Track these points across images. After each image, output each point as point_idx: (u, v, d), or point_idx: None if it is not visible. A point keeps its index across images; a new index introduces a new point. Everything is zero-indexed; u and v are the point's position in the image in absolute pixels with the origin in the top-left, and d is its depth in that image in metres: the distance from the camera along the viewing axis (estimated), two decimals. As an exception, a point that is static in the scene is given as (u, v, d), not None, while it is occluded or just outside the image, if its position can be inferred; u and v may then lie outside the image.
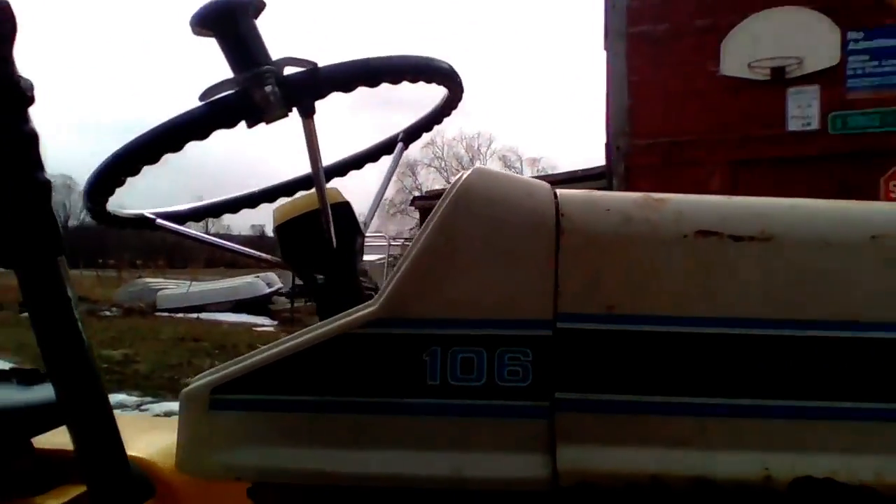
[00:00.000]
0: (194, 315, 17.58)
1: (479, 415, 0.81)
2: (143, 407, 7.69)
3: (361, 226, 1.21)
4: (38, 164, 0.71)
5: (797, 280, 0.81)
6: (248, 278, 20.49)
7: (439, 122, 1.32)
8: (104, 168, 0.94)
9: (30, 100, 0.69)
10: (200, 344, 12.12)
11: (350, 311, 0.85)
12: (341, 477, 0.82)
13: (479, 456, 0.81)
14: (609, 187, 9.99)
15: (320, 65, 0.90)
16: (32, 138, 0.71)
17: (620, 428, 0.80)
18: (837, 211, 0.86)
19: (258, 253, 1.21)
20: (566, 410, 0.80)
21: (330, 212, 1.05)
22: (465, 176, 0.86)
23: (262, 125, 0.91)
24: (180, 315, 17.58)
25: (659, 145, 9.69)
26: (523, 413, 0.81)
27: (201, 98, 0.88)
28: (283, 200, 1.29)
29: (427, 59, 1.04)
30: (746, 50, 9.20)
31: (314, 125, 0.94)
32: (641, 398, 0.80)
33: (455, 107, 1.27)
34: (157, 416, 6.84)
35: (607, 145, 10.46)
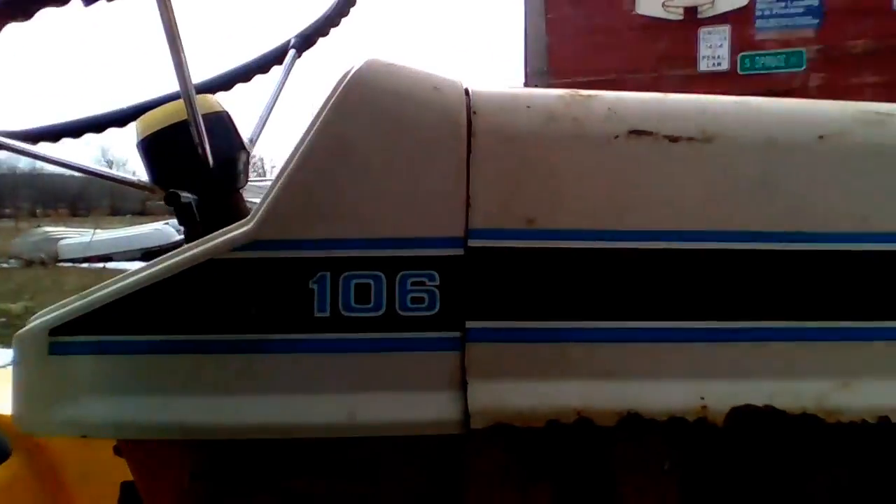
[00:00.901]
0: (99, 265, 16.73)
1: (378, 350, 0.69)
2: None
3: (247, 143, 1.04)
4: None
5: (740, 186, 0.72)
6: (157, 225, 19.57)
7: (336, 24, 1.16)
8: None
9: None
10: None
11: (219, 231, 0.70)
12: (213, 429, 0.69)
13: (378, 397, 0.69)
14: (527, 127, 9.94)
15: None
16: None
17: (540, 359, 0.69)
18: (783, 110, 0.76)
19: (118, 174, 1.03)
20: (479, 341, 0.69)
21: (201, 122, 0.88)
22: (356, 67, 0.71)
23: (102, 2, 0.73)
24: (84, 265, 16.69)
25: (575, 85, 9.64)
26: (430, 346, 0.69)
27: None
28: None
29: None
30: (661, -12, 9.21)
31: (171, 6, 0.77)
32: (564, 325, 0.69)
33: (353, 4, 1.10)
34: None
35: (525, 84, 10.37)
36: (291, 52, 1.19)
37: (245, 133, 1.06)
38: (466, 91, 0.73)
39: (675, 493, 0.84)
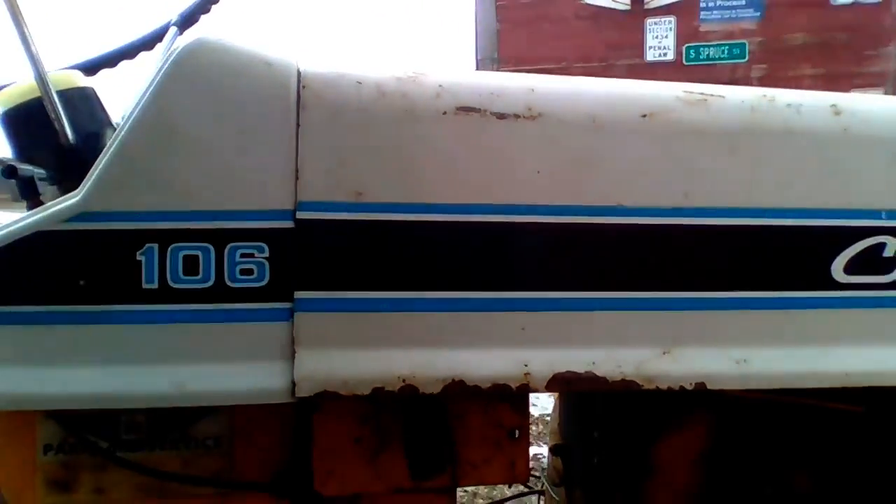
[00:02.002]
0: None
1: (207, 321, 0.70)
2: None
3: (121, 119, 1.03)
4: None
5: (565, 162, 0.75)
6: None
7: (217, 1, 1.15)
8: None
9: None
10: None
11: (48, 203, 0.70)
12: (43, 400, 0.69)
13: (207, 368, 0.70)
14: (477, 114, 9.96)
15: None
16: None
17: (368, 329, 0.71)
18: (609, 90, 0.79)
19: None
20: (308, 311, 0.70)
21: (55, 96, 0.87)
22: (184, 45, 0.71)
23: None
24: None
25: (526, 73, 9.73)
26: (259, 317, 0.70)
27: None
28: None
29: None
30: (608, -22, 9.30)
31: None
32: (392, 295, 0.72)
33: None
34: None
35: (476, 70, 10.39)
36: (173, 29, 1.18)
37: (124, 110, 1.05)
38: (298, 66, 0.74)
39: (524, 460, 0.88)
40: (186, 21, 1.19)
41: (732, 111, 0.78)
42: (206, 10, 1.17)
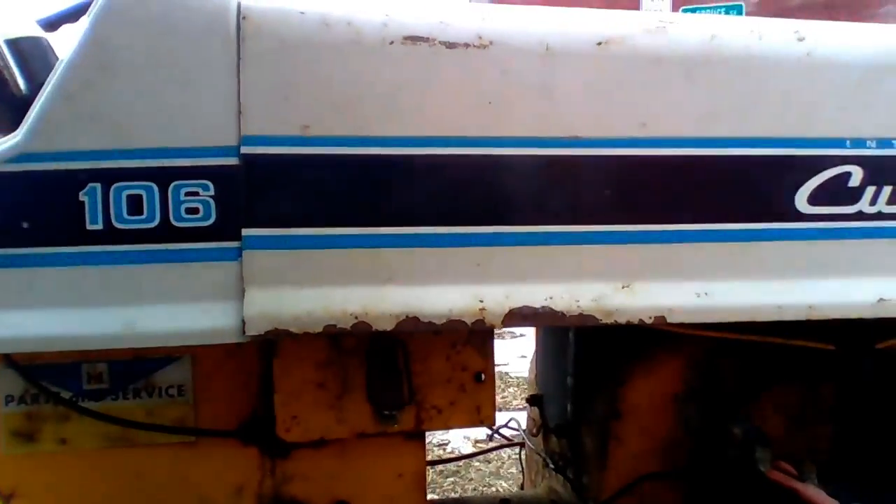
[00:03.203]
0: None
1: (155, 261, 0.69)
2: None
3: None
4: None
5: (517, 92, 0.73)
6: None
7: None
8: None
9: None
10: None
11: None
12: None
13: (156, 309, 0.69)
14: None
15: None
16: None
17: (319, 266, 0.70)
18: (565, 17, 0.77)
19: None
20: (256, 249, 0.69)
21: (4, 46, 0.85)
22: None
23: None
24: None
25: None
26: (207, 256, 0.69)
27: None
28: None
29: None
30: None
31: None
32: (342, 231, 0.70)
33: None
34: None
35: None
36: None
37: None
38: None
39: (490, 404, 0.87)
40: None
41: (692, 38, 0.76)
42: None
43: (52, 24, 1.17)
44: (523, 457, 1.37)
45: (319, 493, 0.88)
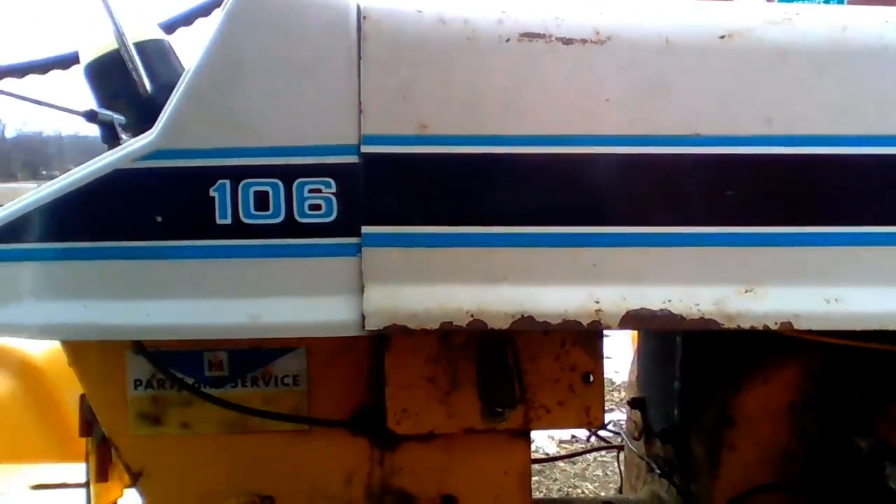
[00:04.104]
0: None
1: (279, 256, 0.71)
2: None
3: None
4: None
5: (636, 88, 0.71)
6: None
7: None
8: None
9: None
10: None
11: (125, 143, 0.73)
12: (126, 330, 0.73)
13: (279, 301, 0.71)
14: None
15: None
16: None
17: (435, 263, 0.71)
18: (684, 10, 0.74)
19: (73, 108, 1.06)
20: (375, 246, 0.71)
21: (132, 47, 0.89)
22: None
23: None
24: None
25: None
26: (328, 252, 0.71)
27: None
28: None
29: None
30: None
31: None
32: (459, 230, 0.71)
33: None
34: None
35: None
36: None
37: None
38: None
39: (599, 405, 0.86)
40: None
41: (821, 30, 0.72)
42: None
43: (168, 28, 1.23)
44: (622, 460, 1.34)
45: (427, 486, 0.89)
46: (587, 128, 0.71)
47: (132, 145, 0.72)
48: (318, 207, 0.70)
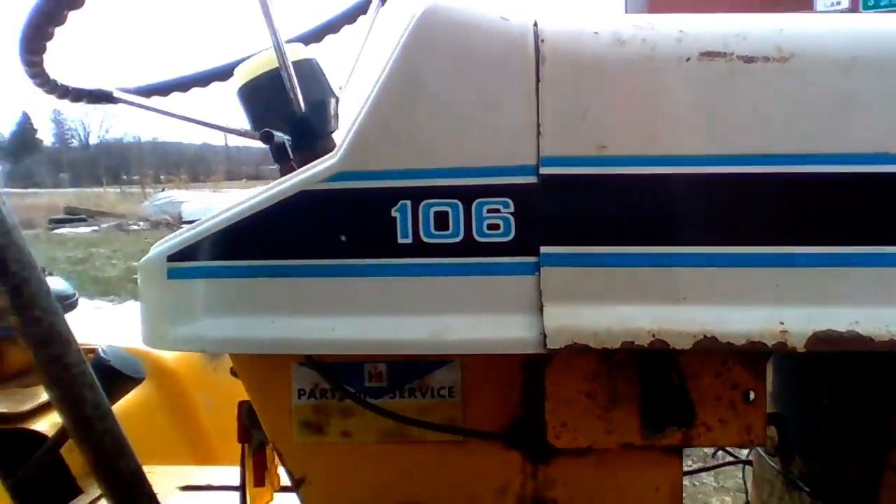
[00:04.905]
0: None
1: (458, 274, 0.73)
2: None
3: (337, 90, 1.10)
4: None
5: (820, 107, 0.70)
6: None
7: None
8: (28, 22, 0.84)
9: None
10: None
11: (309, 165, 0.76)
12: (311, 344, 0.76)
13: (459, 318, 0.73)
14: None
15: None
16: None
17: (614, 283, 0.71)
18: (867, 25, 0.73)
19: (222, 125, 1.11)
20: (554, 266, 0.72)
21: (292, 69, 0.93)
22: (424, 7, 0.74)
23: None
24: (205, 225, 17.69)
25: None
26: (507, 271, 0.72)
27: None
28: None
29: None
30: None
31: None
32: (637, 250, 0.71)
33: None
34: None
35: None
36: (376, 1, 1.23)
37: (335, 81, 1.12)
38: (534, 20, 0.74)
39: (760, 424, 0.85)
40: None
41: None
42: None
43: (318, 36, 1.28)
44: (748, 475, 1.32)
45: (578, 499, 0.89)
46: (768, 147, 0.70)
47: (316, 167, 0.74)
48: (496, 227, 0.72)
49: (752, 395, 0.84)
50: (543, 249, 0.71)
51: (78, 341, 1.13)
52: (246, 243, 0.75)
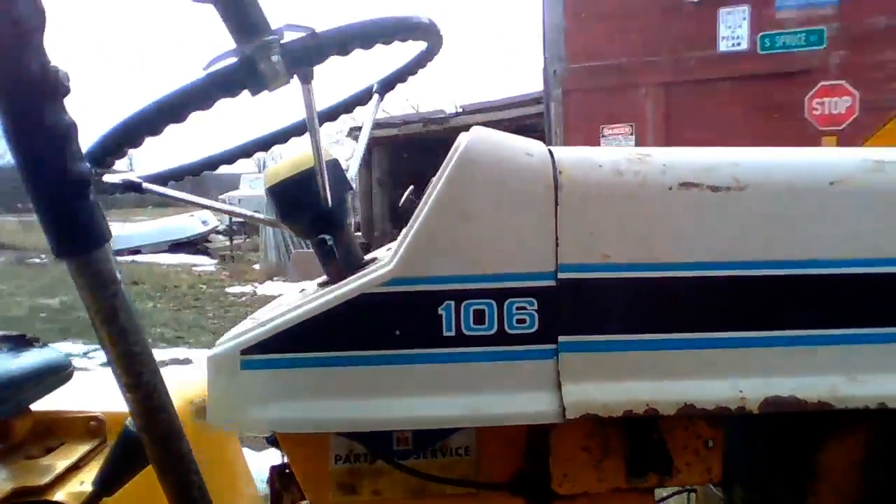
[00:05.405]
0: (128, 258, 17.05)
1: (492, 360, 0.90)
2: (89, 354, 7.53)
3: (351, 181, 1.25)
4: (76, 156, 0.70)
5: (765, 225, 0.91)
6: (183, 217, 19.89)
7: (415, 73, 1.35)
8: (107, 138, 0.95)
9: (65, 90, 0.69)
10: (140, 287, 11.82)
11: (366, 271, 0.91)
12: (369, 423, 0.90)
13: (493, 396, 0.90)
14: (547, 113, 10.09)
15: (316, 30, 0.92)
16: (70, 130, 0.70)
17: (618, 364, 0.90)
18: (802, 159, 0.95)
19: (251, 213, 1.24)
20: (569, 352, 0.89)
21: (326, 173, 1.08)
22: (466, 139, 0.91)
23: (265, 92, 0.93)
24: (122, 258, 16.95)
25: (595, 69, 9.77)
26: (531, 356, 0.90)
27: (205, 69, 0.89)
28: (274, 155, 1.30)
29: (413, 17, 1.07)
30: (679, -29, 9.25)
31: (312, 89, 0.97)
32: (636, 337, 0.90)
33: (432, 59, 1.29)
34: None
35: (544, 70, 10.47)
36: (375, 96, 1.39)
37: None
38: (551, 152, 0.93)
39: (718, 465, 1.05)
40: (386, 88, 1.39)
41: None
42: (404, 80, 1.37)
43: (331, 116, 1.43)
44: (691, 500, 1.53)
45: None
46: (731, 256, 0.90)
47: (373, 274, 0.90)
48: (523, 321, 0.89)
49: (710, 443, 1.04)
50: (561, 338, 0.89)
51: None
52: (313, 338, 0.89)
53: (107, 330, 0.74)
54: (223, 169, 1.40)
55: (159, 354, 6.89)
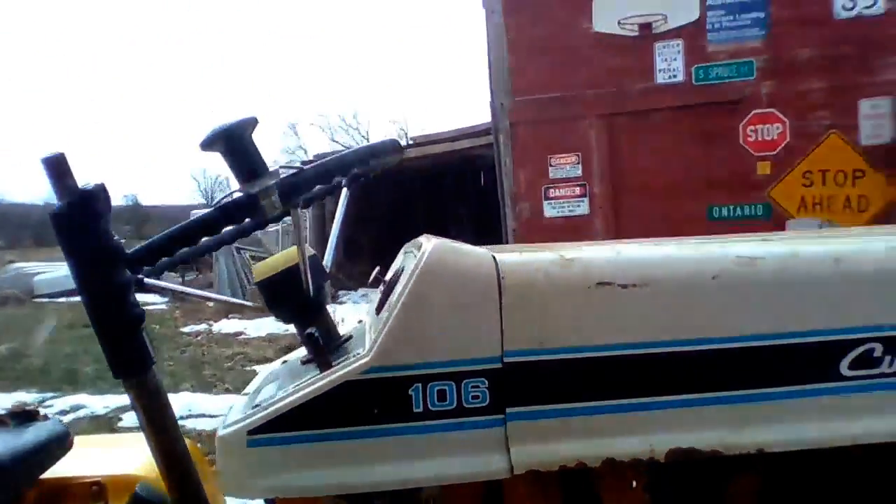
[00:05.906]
0: (77, 298, 16.58)
1: (453, 429, 1.11)
2: (46, 403, 7.43)
3: (328, 268, 1.46)
4: (132, 304, 0.95)
5: (666, 312, 1.16)
6: (132, 254, 19.53)
7: (378, 172, 1.57)
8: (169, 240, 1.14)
9: (125, 256, 0.92)
10: (86, 329, 11.62)
11: (347, 362, 1.12)
12: (355, 486, 1.11)
13: (455, 459, 1.11)
14: (496, 144, 10.43)
15: (304, 167, 1.14)
16: (126, 285, 0.96)
17: (554, 428, 1.13)
18: (693, 255, 1.20)
19: (244, 301, 1.43)
20: (515, 420, 1.12)
21: (309, 269, 1.29)
22: (427, 252, 1.14)
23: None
24: (62, 300, 16.56)
25: (540, 101, 10.16)
26: (484, 425, 1.12)
27: (215, 204, 1.10)
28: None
29: (379, 144, 1.30)
30: (616, 7, 9.75)
31: (300, 213, 1.19)
32: (567, 406, 1.13)
33: (393, 165, 1.52)
34: (74, 416, 6.68)
35: (491, 103, 10.84)
36: (344, 190, 1.61)
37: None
38: (495, 258, 1.16)
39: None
40: (353, 181, 1.61)
41: (770, 270, 1.19)
42: (370, 176, 1.59)
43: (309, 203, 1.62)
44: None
45: None
46: (639, 337, 1.14)
47: (354, 364, 1.11)
48: (477, 397, 1.11)
49: (634, 484, 1.27)
50: (508, 410, 1.12)
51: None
52: (307, 419, 1.10)
53: (153, 430, 0.95)
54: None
55: (111, 401, 6.89)
